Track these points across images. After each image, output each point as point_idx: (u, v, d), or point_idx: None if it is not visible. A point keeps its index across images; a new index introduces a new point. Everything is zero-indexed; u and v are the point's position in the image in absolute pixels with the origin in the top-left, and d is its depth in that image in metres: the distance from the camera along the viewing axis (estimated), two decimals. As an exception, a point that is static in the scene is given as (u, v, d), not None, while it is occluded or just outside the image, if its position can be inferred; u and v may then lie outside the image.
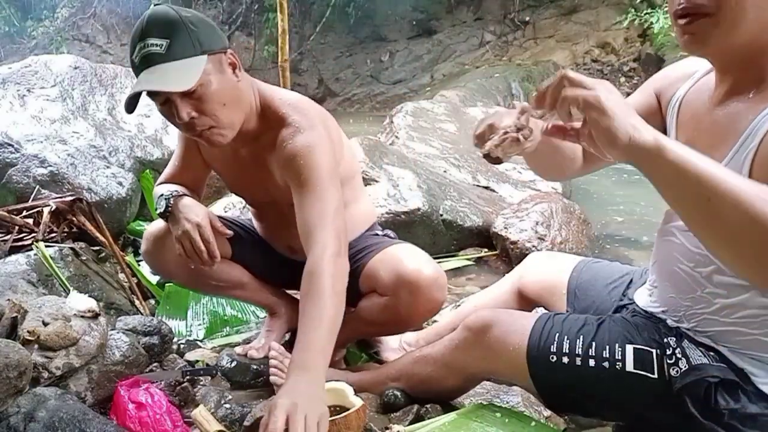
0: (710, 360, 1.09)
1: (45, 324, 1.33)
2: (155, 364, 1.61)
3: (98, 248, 2.15)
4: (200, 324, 2.04)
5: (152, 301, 2.17)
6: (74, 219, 2.09)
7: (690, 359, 1.09)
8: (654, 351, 1.13)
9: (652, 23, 7.81)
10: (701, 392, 1.06)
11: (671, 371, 1.09)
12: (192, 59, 1.28)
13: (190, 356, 1.80)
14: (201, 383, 1.59)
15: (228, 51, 1.36)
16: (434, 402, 1.40)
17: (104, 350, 1.42)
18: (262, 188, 1.57)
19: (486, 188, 3.32)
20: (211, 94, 1.31)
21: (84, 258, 1.94)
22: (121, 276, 2.13)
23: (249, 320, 2.08)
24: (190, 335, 1.99)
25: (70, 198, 2.12)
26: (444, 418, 1.31)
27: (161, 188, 1.64)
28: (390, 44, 10.20)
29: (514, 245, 2.56)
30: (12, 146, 2.60)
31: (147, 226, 1.74)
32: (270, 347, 1.58)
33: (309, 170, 1.35)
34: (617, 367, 1.14)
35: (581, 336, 1.19)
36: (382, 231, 1.78)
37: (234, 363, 1.65)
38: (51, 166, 2.56)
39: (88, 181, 2.60)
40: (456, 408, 1.40)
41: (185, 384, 1.49)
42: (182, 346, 1.84)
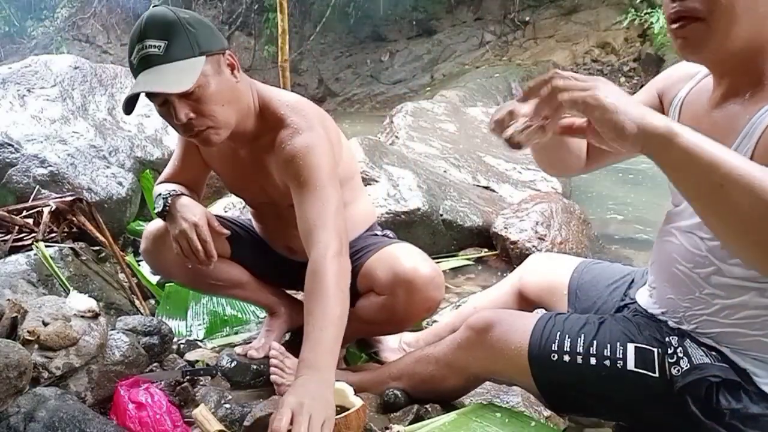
0: (712, 360, 1.09)
1: (45, 324, 1.33)
2: (155, 364, 1.61)
3: (98, 248, 2.15)
4: (200, 324, 2.04)
5: (152, 301, 2.17)
6: (74, 219, 2.09)
7: (692, 358, 1.09)
8: (655, 350, 1.13)
9: (652, 23, 7.81)
10: (702, 392, 1.06)
11: (672, 370, 1.09)
12: (190, 60, 1.28)
13: (190, 356, 1.80)
14: (201, 383, 1.59)
15: (227, 52, 1.36)
16: (435, 402, 1.40)
17: (104, 350, 1.42)
18: (261, 189, 1.57)
19: (486, 188, 3.32)
20: (210, 95, 1.31)
21: (84, 258, 1.94)
22: (121, 276, 2.13)
23: (249, 320, 2.08)
24: (190, 335, 1.99)
25: (70, 198, 2.12)
26: (444, 418, 1.31)
27: (160, 188, 1.64)
28: (390, 44, 10.20)
29: (514, 245, 2.56)
30: (12, 146, 2.60)
31: (147, 226, 1.74)
32: (270, 347, 1.59)
33: (308, 171, 1.35)
34: (618, 366, 1.14)
35: (582, 335, 1.19)
36: (382, 231, 1.78)
37: (234, 363, 1.65)
38: (51, 166, 2.56)
39: (88, 181, 2.60)
40: (456, 408, 1.40)
41: (185, 384, 1.49)
42: (182, 346, 1.84)
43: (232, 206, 2.78)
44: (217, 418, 1.33)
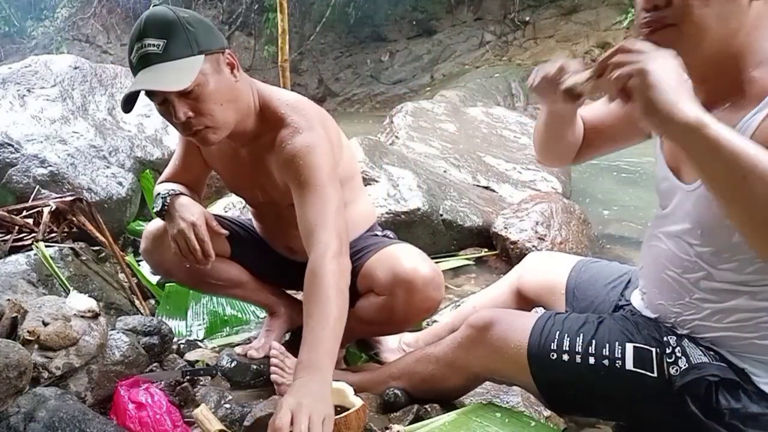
0: (710, 359, 1.09)
1: (45, 324, 1.33)
2: (155, 364, 1.61)
3: (98, 248, 2.15)
4: (200, 324, 2.04)
5: (152, 301, 2.17)
6: (74, 219, 2.09)
7: (690, 358, 1.09)
8: (654, 350, 1.13)
9: (652, 23, 7.81)
10: (702, 391, 1.06)
11: (671, 370, 1.09)
12: (189, 59, 1.28)
13: (190, 356, 1.80)
14: (201, 383, 1.59)
15: (226, 51, 1.36)
16: (435, 402, 1.40)
17: (104, 350, 1.42)
18: (261, 188, 1.57)
19: (486, 188, 3.32)
20: (208, 94, 1.31)
21: (84, 258, 1.94)
22: (121, 276, 2.13)
23: (249, 320, 2.08)
24: (190, 335, 1.99)
25: (70, 198, 2.12)
26: (444, 418, 1.31)
27: (160, 187, 1.65)
28: (390, 44, 10.20)
29: (514, 245, 2.55)
30: (12, 146, 2.60)
31: (146, 225, 1.74)
32: (271, 346, 1.59)
33: (308, 171, 1.35)
34: (617, 366, 1.14)
35: (581, 334, 1.19)
36: (382, 231, 1.78)
37: (234, 363, 1.65)
38: (51, 166, 2.57)
39: (88, 181, 2.60)
40: (456, 408, 1.40)
41: (185, 384, 1.49)
42: (182, 346, 1.84)
43: (232, 206, 2.78)
44: (217, 418, 1.33)
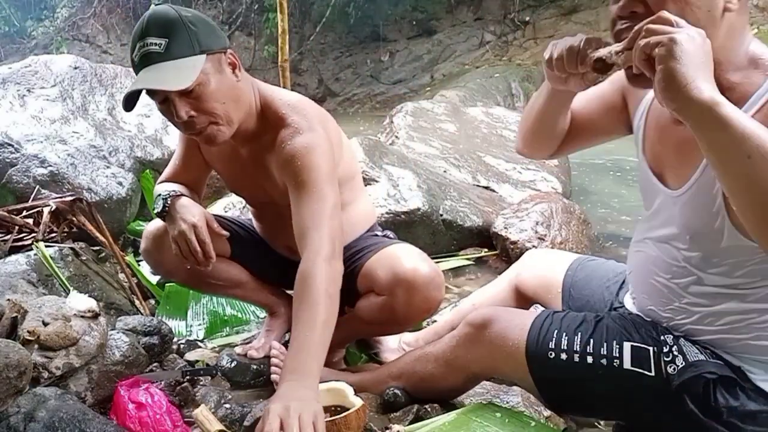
0: (707, 357, 1.09)
1: (45, 324, 1.33)
2: (155, 364, 1.61)
3: (98, 248, 2.15)
4: (200, 324, 2.04)
5: (152, 301, 2.17)
6: (74, 219, 2.09)
7: (687, 356, 1.09)
8: (651, 348, 1.13)
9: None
10: (700, 390, 1.07)
11: (668, 369, 1.09)
12: (190, 58, 1.28)
13: (190, 356, 1.80)
14: (201, 383, 1.59)
15: (228, 51, 1.37)
16: (435, 401, 1.40)
17: (104, 350, 1.42)
18: (261, 188, 1.57)
19: (486, 188, 3.32)
20: (210, 94, 1.31)
21: (84, 258, 1.94)
22: (121, 276, 2.13)
23: (249, 320, 2.08)
24: (190, 335, 1.99)
25: (70, 198, 2.12)
26: (444, 418, 1.31)
27: (160, 187, 1.65)
28: (390, 44, 10.20)
29: (514, 245, 2.55)
30: (12, 146, 2.60)
31: (147, 225, 1.74)
32: (271, 346, 1.59)
33: (307, 171, 1.35)
34: (615, 365, 1.14)
35: (579, 333, 1.19)
36: (382, 232, 1.77)
37: (234, 363, 1.65)
38: (51, 166, 2.57)
39: (88, 181, 2.60)
40: (456, 408, 1.40)
41: (185, 384, 1.49)
42: (182, 346, 1.84)
43: (232, 206, 2.78)
44: (217, 418, 1.33)
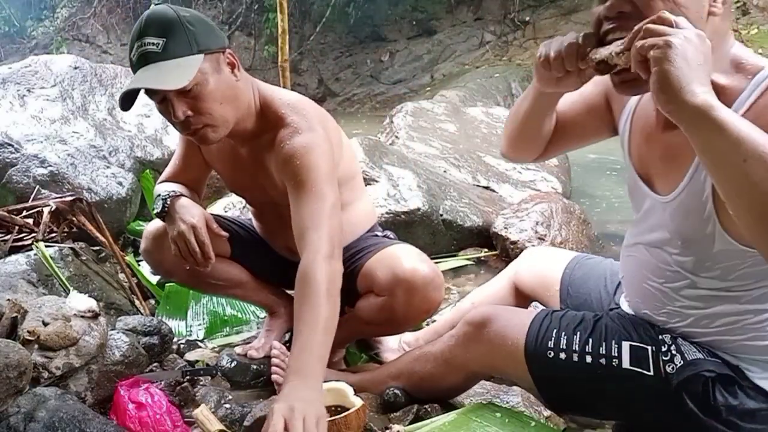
0: (705, 355, 1.09)
1: (45, 324, 1.33)
2: (155, 364, 1.61)
3: (98, 248, 2.15)
4: (200, 324, 2.04)
5: (152, 301, 2.17)
6: (74, 219, 2.09)
7: (685, 355, 1.10)
8: (649, 348, 1.13)
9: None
10: (699, 389, 1.07)
11: (667, 368, 1.10)
12: (188, 58, 1.28)
13: (190, 356, 1.80)
14: (201, 383, 1.59)
15: (227, 51, 1.36)
16: (434, 401, 1.40)
17: (104, 350, 1.42)
18: (261, 188, 1.57)
19: (486, 188, 3.32)
20: (208, 93, 1.31)
21: (84, 258, 1.94)
22: (121, 276, 2.13)
23: (249, 320, 2.08)
24: (190, 335, 1.99)
25: (70, 198, 2.12)
26: (444, 418, 1.31)
27: (160, 188, 1.65)
28: (390, 44, 10.19)
29: (514, 245, 2.55)
30: (12, 146, 2.60)
31: (147, 225, 1.74)
32: (272, 346, 1.58)
33: (306, 171, 1.34)
34: (614, 364, 1.14)
35: (578, 332, 1.19)
36: (382, 232, 1.77)
37: (234, 363, 1.65)
38: (51, 166, 2.57)
39: (88, 181, 2.60)
40: (456, 408, 1.40)
41: (185, 384, 1.49)
42: (182, 346, 1.84)
43: (232, 206, 2.78)
44: (217, 418, 1.33)
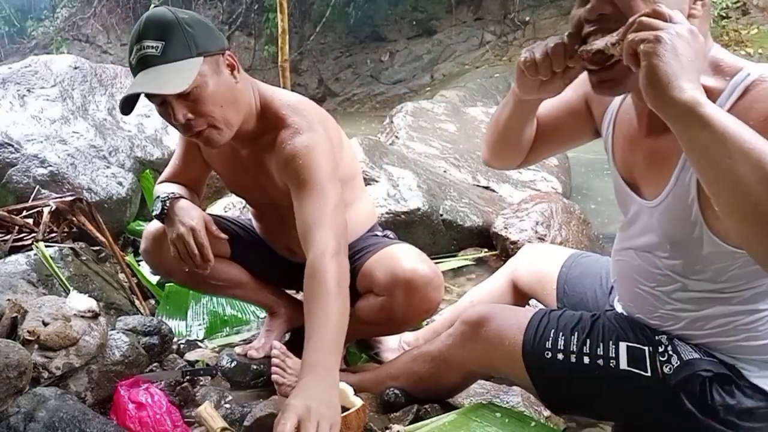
0: (701, 355, 1.09)
1: (45, 324, 1.33)
2: (155, 364, 1.61)
3: (98, 248, 2.15)
4: (200, 324, 2.04)
5: (152, 301, 2.17)
6: (74, 219, 2.09)
7: (681, 355, 1.10)
8: (647, 348, 1.13)
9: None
10: (696, 389, 1.07)
11: (664, 368, 1.10)
12: (187, 61, 1.27)
13: (190, 356, 1.80)
14: (201, 383, 1.59)
15: (226, 52, 1.36)
16: (434, 400, 1.40)
17: (104, 350, 1.42)
18: (262, 189, 1.57)
19: (486, 188, 3.32)
20: (207, 96, 1.31)
21: (84, 258, 1.94)
22: (121, 276, 2.13)
23: (249, 320, 2.08)
24: (190, 335, 2.00)
25: (70, 198, 2.13)
26: (444, 418, 1.31)
27: (160, 188, 1.65)
28: (390, 44, 10.19)
29: (514, 245, 2.55)
30: (12, 146, 2.60)
31: (146, 226, 1.74)
32: (272, 346, 1.58)
33: (308, 171, 1.34)
34: (611, 365, 1.14)
35: (576, 333, 1.19)
36: (382, 232, 1.78)
37: (234, 363, 1.65)
38: (51, 166, 2.57)
39: (88, 181, 2.60)
40: (456, 408, 1.40)
41: (185, 384, 1.49)
42: (182, 346, 1.85)
43: (232, 206, 2.78)
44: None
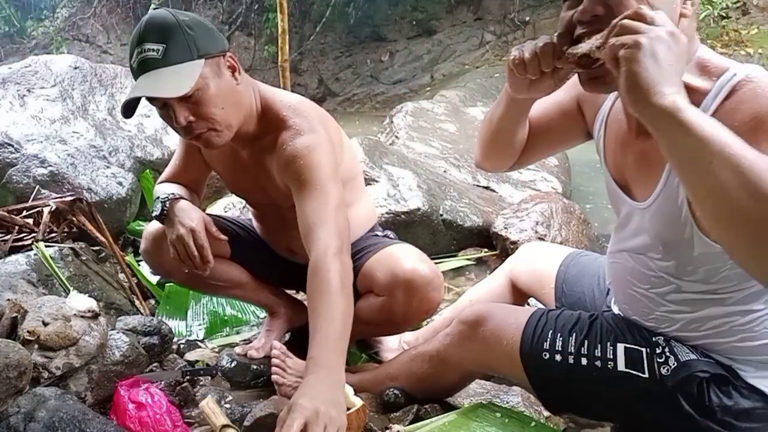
0: (698, 356, 1.09)
1: (45, 324, 1.33)
2: (155, 364, 1.61)
3: (98, 248, 2.15)
4: (200, 324, 2.04)
5: (152, 301, 2.17)
6: (74, 219, 2.09)
7: (678, 356, 1.10)
8: (644, 350, 1.13)
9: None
10: (694, 390, 1.07)
11: (662, 370, 1.10)
12: (188, 64, 1.27)
13: (190, 356, 1.80)
14: (201, 383, 1.59)
15: (227, 54, 1.36)
16: (433, 400, 1.40)
17: (104, 350, 1.42)
18: (262, 190, 1.57)
19: (486, 188, 3.32)
20: (209, 99, 1.31)
21: (84, 258, 1.94)
22: (121, 276, 2.13)
23: (249, 320, 2.08)
24: (190, 335, 2.00)
25: (70, 198, 2.13)
26: (444, 418, 1.31)
27: (160, 189, 1.64)
28: (390, 44, 10.19)
29: (514, 245, 2.55)
30: (12, 146, 2.61)
31: (146, 226, 1.74)
32: (272, 346, 1.58)
33: (309, 171, 1.34)
34: (609, 367, 1.14)
35: (574, 334, 1.19)
36: (383, 232, 1.78)
37: (234, 363, 1.65)
38: (51, 166, 2.57)
39: (88, 181, 2.60)
40: (456, 408, 1.40)
41: (185, 384, 1.49)
42: (182, 346, 1.85)
43: (232, 206, 2.78)
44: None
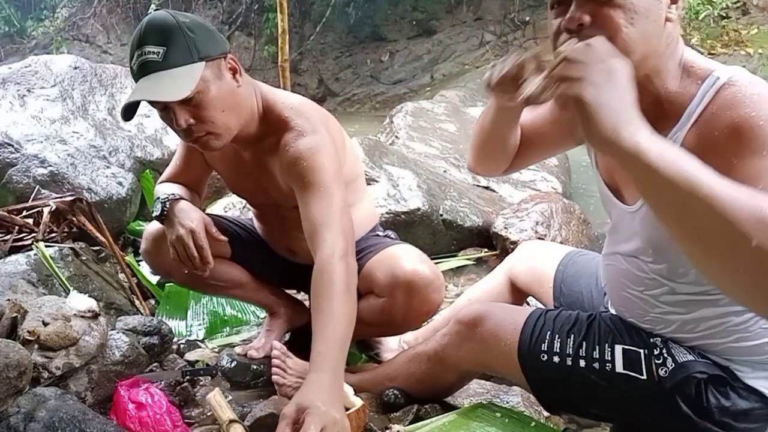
0: (695, 357, 1.10)
1: (45, 324, 1.33)
2: (155, 364, 1.61)
3: (98, 248, 2.15)
4: (200, 324, 2.04)
5: (152, 301, 2.17)
6: (74, 219, 2.09)
7: (676, 357, 1.10)
8: (642, 351, 1.13)
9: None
10: (692, 391, 1.07)
11: (660, 371, 1.10)
12: (189, 66, 1.26)
13: (190, 356, 1.80)
14: (201, 383, 1.59)
15: (228, 56, 1.35)
16: (432, 400, 1.40)
17: (104, 350, 1.42)
18: (264, 191, 1.56)
19: (486, 188, 3.32)
20: (210, 101, 1.30)
21: (84, 258, 1.94)
22: (121, 276, 2.13)
23: (249, 320, 2.08)
24: (190, 335, 2.00)
25: (70, 198, 2.13)
26: (444, 418, 1.31)
27: (160, 189, 1.64)
28: (390, 44, 10.19)
29: (514, 245, 2.55)
30: (12, 146, 2.61)
31: (147, 226, 1.74)
32: (272, 346, 1.58)
33: (312, 172, 1.34)
34: (607, 368, 1.14)
35: (572, 335, 1.19)
36: (384, 232, 1.78)
37: (234, 363, 1.65)
38: (51, 166, 2.57)
39: (88, 181, 2.60)
40: (455, 408, 1.40)
41: (185, 384, 1.49)
42: (182, 346, 1.84)
43: (232, 206, 2.78)
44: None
